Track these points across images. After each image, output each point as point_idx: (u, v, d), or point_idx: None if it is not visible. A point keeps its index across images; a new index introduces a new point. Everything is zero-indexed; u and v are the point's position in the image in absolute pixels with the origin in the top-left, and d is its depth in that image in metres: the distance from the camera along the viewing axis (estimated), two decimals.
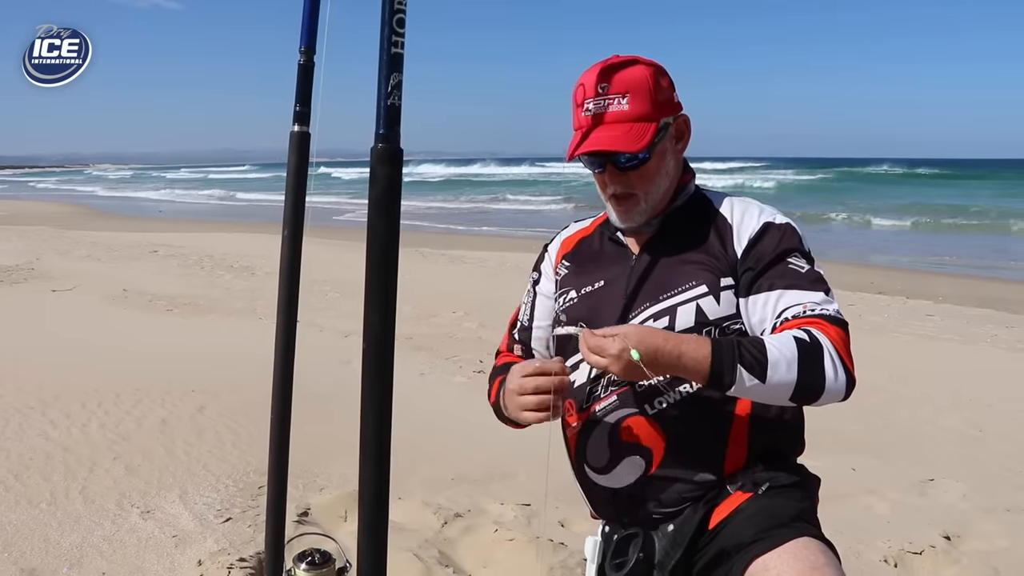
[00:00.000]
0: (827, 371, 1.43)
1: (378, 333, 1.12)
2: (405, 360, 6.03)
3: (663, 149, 1.63)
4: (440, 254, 13.43)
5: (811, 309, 1.50)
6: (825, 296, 1.54)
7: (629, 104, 1.57)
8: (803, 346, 1.43)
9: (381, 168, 1.11)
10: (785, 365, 1.41)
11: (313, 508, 3.35)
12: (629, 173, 1.62)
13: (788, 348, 1.42)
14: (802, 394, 1.44)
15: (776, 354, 1.41)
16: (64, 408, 4.47)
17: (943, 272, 12.99)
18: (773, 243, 1.59)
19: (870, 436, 4.74)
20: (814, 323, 1.48)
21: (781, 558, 1.40)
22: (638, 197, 1.64)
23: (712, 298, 1.58)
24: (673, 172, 1.68)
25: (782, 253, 1.58)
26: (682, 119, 1.67)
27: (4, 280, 9.41)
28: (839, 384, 1.44)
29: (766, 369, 1.40)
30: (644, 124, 1.57)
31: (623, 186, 1.64)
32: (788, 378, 1.41)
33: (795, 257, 1.58)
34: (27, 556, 2.82)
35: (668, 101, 1.63)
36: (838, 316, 1.51)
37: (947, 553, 3.16)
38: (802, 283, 1.55)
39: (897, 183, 39.91)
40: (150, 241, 14.71)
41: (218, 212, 28.74)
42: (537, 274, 1.91)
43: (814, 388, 1.43)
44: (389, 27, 1.10)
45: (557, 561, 2.89)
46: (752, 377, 1.40)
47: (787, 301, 1.53)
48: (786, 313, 1.52)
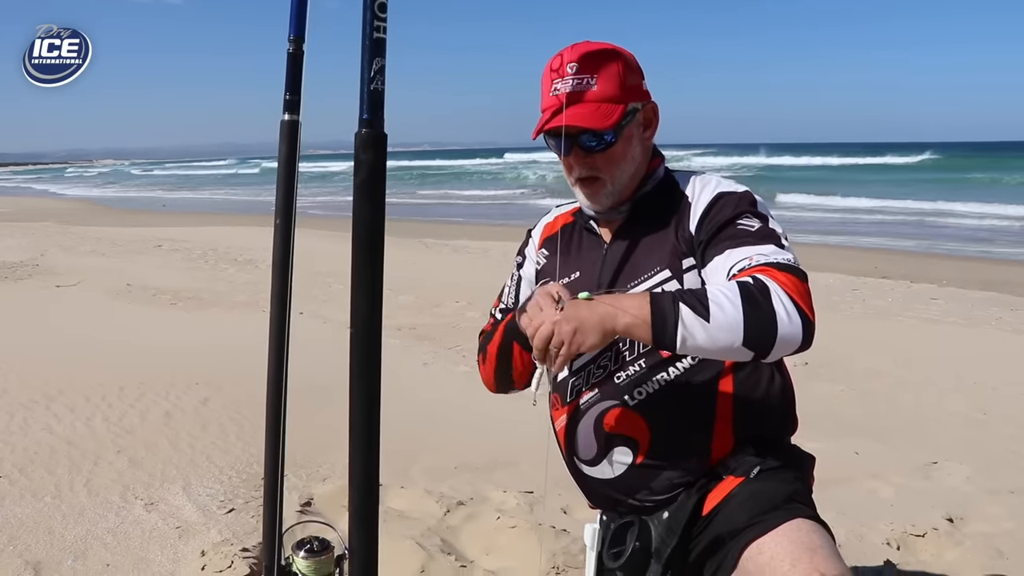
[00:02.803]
0: (777, 311, 1.34)
1: (365, 318, 1.13)
2: (408, 350, 6.05)
3: (630, 134, 1.62)
4: (443, 244, 13.41)
5: (757, 260, 1.44)
6: (776, 248, 1.48)
7: (597, 84, 1.56)
8: (745, 287, 1.37)
9: (365, 153, 1.11)
10: (729, 304, 1.34)
11: (316, 498, 3.36)
12: (595, 156, 1.61)
13: (730, 290, 1.37)
14: (754, 336, 1.34)
15: (717, 294, 1.36)
16: (68, 402, 4.49)
17: (948, 255, 12.94)
18: (723, 210, 1.57)
19: (873, 420, 4.73)
20: (759, 270, 1.42)
21: (775, 540, 1.40)
22: (604, 180, 1.64)
23: (675, 282, 1.58)
24: (640, 158, 1.67)
25: (733, 217, 1.55)
26: (650, 107, 1.66)
27: (9, 276, 9.44)
28: (793, 326, 1.34)
29: (708, 308, 1.33)
30: (612, 105, 1.57)
31: (589, 169, 1.63)
32: (735, 318, 1.33)
33: (745, 218, 1.54)
34: (32, 549, 2.84)
35: (637, 87, 1.62)
36: (789, 263, 1.44)
37: (950, 535, 3.15)
38: (750, 239, 1.50)
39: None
40: (154, 235, 14.74)
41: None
42: (521, 258, 1.92)
43: (766, 330, 1.34)
44: (371, 12, 1.10)
45: (559, 548, 2.89)
46: (695, 316, 1.32)
47: (735, 258, 1.48)
48: (733, 268, 1.47)
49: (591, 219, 1.75)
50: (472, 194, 32.04)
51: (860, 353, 6.14)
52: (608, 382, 1.64)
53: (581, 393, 1.68)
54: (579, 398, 1.68)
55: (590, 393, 1.66)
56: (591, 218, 1.75)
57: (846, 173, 37.29)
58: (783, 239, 1.52)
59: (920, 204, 21.13)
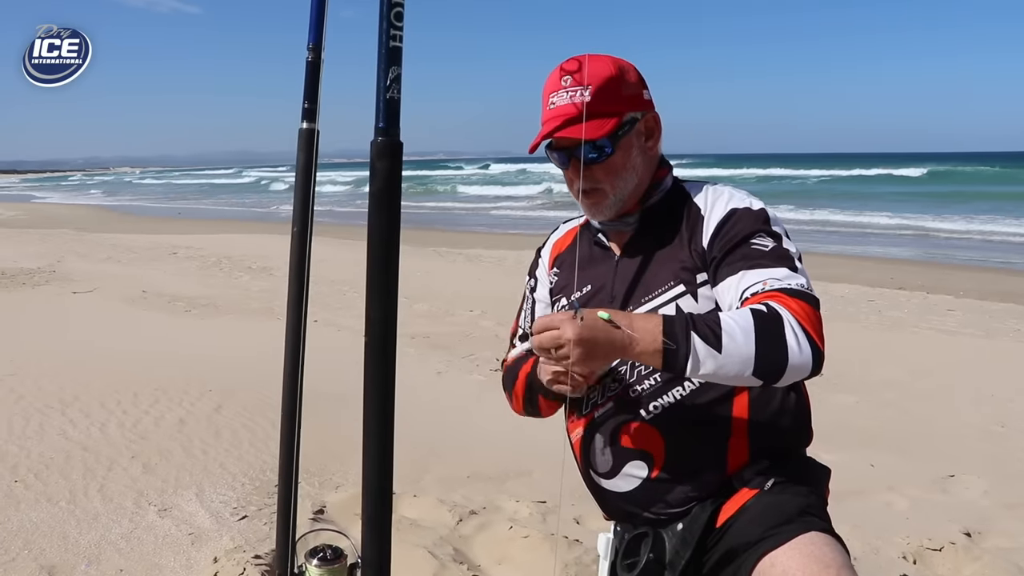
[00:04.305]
0: (789, 341, 1.35)
1: (380, 326, 1.13)
2: (422, 359, 6.05)
3: (628, 143, 1.61)
4: (457, 253, 13.44)
5: (770, 285, 1.44)
6: (789, 271, 1.47)
7: (592, 95, 1.55)
8: (759, 316, 1.37)
9: (381, 162, 1.11)
10: (741, 335, 1.34)
11: (329, 506, 3.36)
12: (593, 167, 1.60)
13: (743, 319, 1.36)
14: (765, 367, 1.34)
15: (730, 324, 1.35)
16: (84, 408, 4.52)
17: (965, 266, 12.85)
18: (737, 227, 1.55)
19: (889, 432, 4.70)
20: (772, 296, 1.42)
21: (788, 554, 1.38)
22: (605, 191, 1.63)
23: (690, 297, 1.57)
24: (643, 168, 1.66)
25: (747, 235, 1.53)
26: (651, 116, 1.65)
27: (26, 283, 9.52)
28: (804, 356, 1.35)
29: (720, 338, 1.33)
30: (606, 116, 1.56)
31: (588, 181, 1.62)
32: (746, 349, 1.33)
33: (759, 237, 1.53)
34: (47, 553, 2.86)
35: (635, 97, 1.62)
36: (801, 289, 1.44)
37: (968, 550, 3.12)
38: (764, 261, 1.49)
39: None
40: (169, 243, 14.84)
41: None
42: (533, 280, 1.91)
43: (776, 360, 1.35)
44: (387, 21, 1.10)
45: (572, 558, 2.88)
46: (707, 347, 1.33)
47: (748, 280, 1.48)
48: (746, 292, 1.46)
49: (599, 232, 1.74)
50: (485, 203, 32.07)
51: (876, 364, 6.09)
52: (624, 395, 1.63)
53: (597, 406, 1.67)
54: (595, 411, 1.67)
55: (606, 406, 1.66)
56: (599, 231, 1.74)
57: (860, 185, 37.18)
58: (796, 260, 1.51)
59: (934, 215, 21.05)
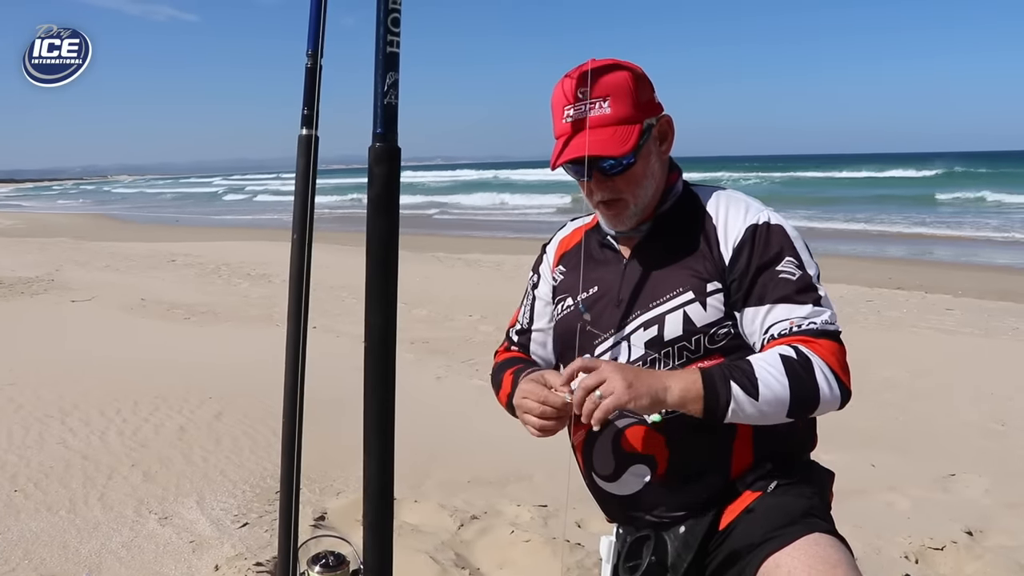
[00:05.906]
0: (821, 386, 1.44)
1: (380, 331, 1.13)
2: (422, 364, 6.05)
3: (648, 151, 1.60)
4: (456, 258, 13.43)
5: (798, 325, 1.49)
6: (814, 307, 1.51)
7: (611, 107, 1.53)
8: (791, 365, 1.43)
9: (379, 167, 1.12)
10: (777, 384, 1.42)
11: (330, 512, 3.36)
12: (615, 178, 1.59)
13: (776, 367, 1.43)
14: (798, 409, 1.45)
15: (765, 374, 1.43)
16: (83, 416, 4.51)
17: (963, 265, 12.86)
18: (760, 249, 1.55)
19: (889, 432, 4.70)
20: (801, 340, 1.47)
21: (792, 555, 1.38)
22: (627, 201, 1.61)
23: (699, 304, 1.56)
24: (659, 174, 1.65)
25: (771, 259, 1.54)
26: (665, 119, 1.63)
27: (25, 291, 9.52)
28: (834, 397, 1.45)
29: (757, 387, 1.41)
30: (628, 127, 1.54)
31: (610, 192, 1.60)
32: (782, 396, 1.42)
33: (785, 263, 1.54)
34: (47, 563, 2.85)
35: (649, 102, 1.60)
36: (827, 328, 1.49)
37: (969, 549, 3.12)
38: (790, 294, 1.51)
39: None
40: (168, 251, 14.84)
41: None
42: (536, 276, 1.90)
43: (808, 403, 1.44)
44: (384, 27, 1.10)
45: (574, 561, 2.88)
46: (745, 395, 1.41)
47: (774, 317, 1.51)
48: (773, 330, 1.51)
49: (609, 234, 1.74)
50: (485, 208, 32.08)
51: (875, 364, 6.09)
52: None
53: None
54: None
55: None
56: (609, 233, 1.74)
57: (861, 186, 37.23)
58: (819, 288, 1.54)
59: (935, 213, 21.08)
